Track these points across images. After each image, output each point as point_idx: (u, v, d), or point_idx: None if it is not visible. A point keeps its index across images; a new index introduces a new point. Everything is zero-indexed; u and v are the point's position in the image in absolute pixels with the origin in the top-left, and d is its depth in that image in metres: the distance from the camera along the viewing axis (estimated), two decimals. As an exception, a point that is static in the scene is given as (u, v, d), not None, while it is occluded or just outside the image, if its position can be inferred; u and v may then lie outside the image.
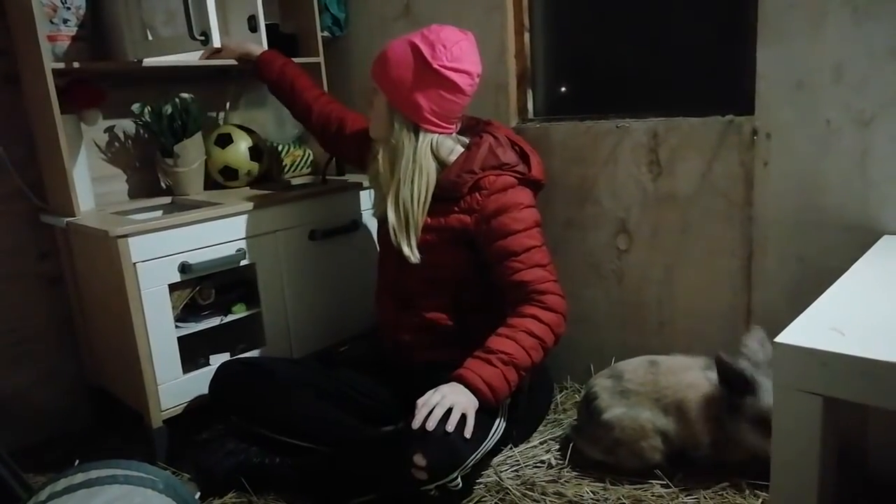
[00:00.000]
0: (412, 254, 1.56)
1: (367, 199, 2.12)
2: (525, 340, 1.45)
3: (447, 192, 1.56)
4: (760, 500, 1.39)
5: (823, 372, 0.92)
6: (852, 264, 1.25)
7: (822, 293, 1.12)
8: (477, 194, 1.55)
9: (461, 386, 1.41)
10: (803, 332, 0.97)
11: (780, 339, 0.95)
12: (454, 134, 1.62)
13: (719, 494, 1.43)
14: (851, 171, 1.47)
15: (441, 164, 1.59)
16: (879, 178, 1.44)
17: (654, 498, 1.44)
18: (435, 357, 1.61)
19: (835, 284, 1.16)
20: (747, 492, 1.43)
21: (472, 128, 1.67)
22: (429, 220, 1.57)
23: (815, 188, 1.53)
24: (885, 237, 1.41)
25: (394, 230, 1.57)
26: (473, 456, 1.36)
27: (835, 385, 0.92)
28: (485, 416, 1.43)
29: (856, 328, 0.97)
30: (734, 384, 1.40)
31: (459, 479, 1.33)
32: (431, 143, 1.57)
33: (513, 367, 1.43)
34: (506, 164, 1.58)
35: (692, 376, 1.50)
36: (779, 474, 1.00)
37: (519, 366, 1.44)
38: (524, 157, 1.64)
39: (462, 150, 1.60)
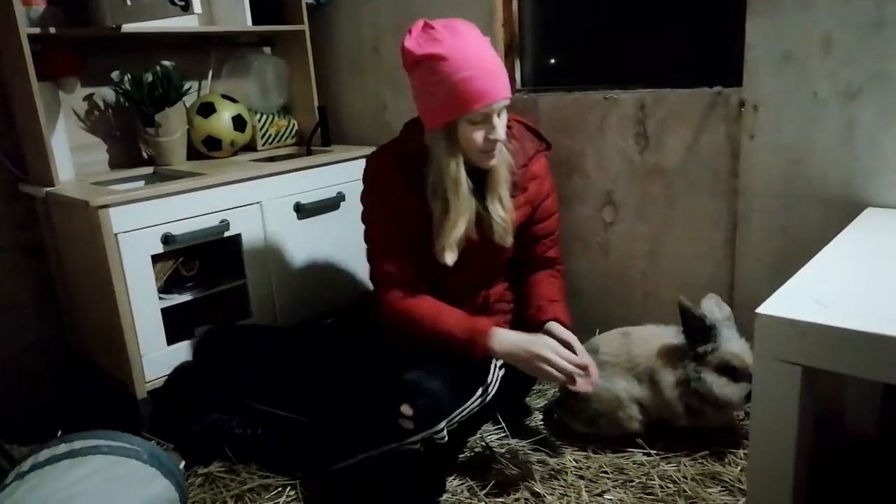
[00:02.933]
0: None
1: (352, 170, 2.10)
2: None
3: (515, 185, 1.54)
4: (740, 468, 1.42)
5: (804, 342, 0.92)
6: (835, 236, 1.26)
7: (805, 265, 1.12)
8: (532, 182, 1.56)
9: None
10: (784, 302, 0.98)
11: (761, 309, 0.95)
12: None
13: (699, 462, 1.45)
14: (837, 143, 1.48)
15: None
16: (864, 150, 1.45)
17: (634, 465, 1.47)
18: None
19: (817, 256, 1.16)
20: (727, 459, 1.45)
21: None
22: None
23: (800, 160, 1.53)
24: (869, 209, 1.42)
25: (502, 229, 1.50)
26: (460, 411, 1.38)
27: (815, 355, 0.92)
28: (472, 378, 1.44)
29: (837, 299, 0.97)
30: (696, 331, 1.44)
31: (445, 432, 1.34)
32: None
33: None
34: (533, 144, 1.57)
35: (663, 343, 1.52)
36: (757, 441, 1.01)
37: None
38: (526, 126, 1.62)
39: None
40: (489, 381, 1.47)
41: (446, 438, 1.36)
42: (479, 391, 1.43)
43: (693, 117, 1.67)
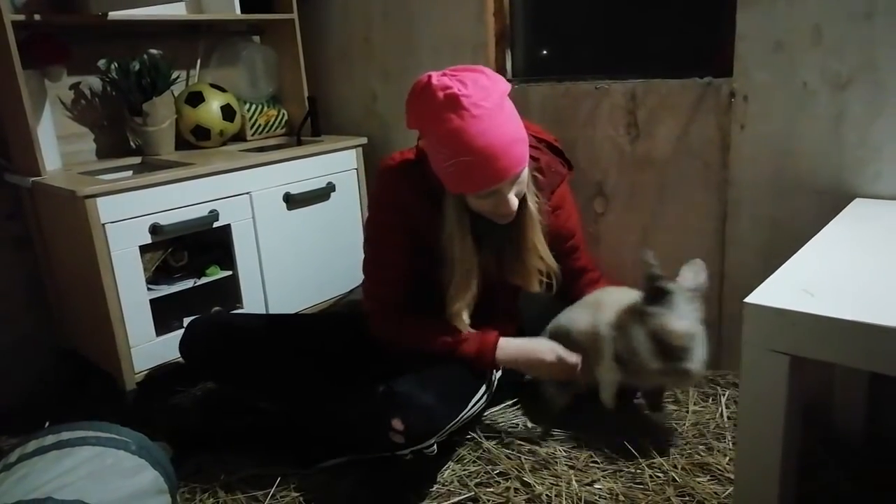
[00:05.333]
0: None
1: (342, 160, 2.10)
2: None
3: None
4: (728, 458, 1.43)
5: (792, 331, 0.93)
6: (824, 226, 1.26)
7: (793, 255, 1.13)
8: (556, 213, 1.53)
9: None
10: (773, 292, 0.98)
11: (749, 299, 0.96)
12: None
13: (687, 454, 1.46)
14: (826, 134, 1.48)
15: None
16: (853, 141, 1.45)
17: (623, 454, 1.47)
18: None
19: (805, 246, 1.17)
20: (716, 448, 1.46)
21: None
22: None
23: (789, 151, 1.53)
24: (857, 200, 1.43)
25: (532, 277, 1.46)
26: (451, 424, 1.37)
27: (803, 344, 0.93)
28: (467, 386, 1.44)
29: (825, 289, 0.98)
30: (649, 288, 1.40)
31: (435, 446, 1.34)
32: None
33: None
34: (559, 174, 1.53)
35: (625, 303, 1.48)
36: (745, 430, 1.02)
37: None
38: (550, 146, 1.58)
39: None
40: (484, 390, 1.47)
41: (436, 451, 1.35)
42: (475, 399, 1.43)
43: (683, 108, 1.67)
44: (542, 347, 1.44)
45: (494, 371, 1.50)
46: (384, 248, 1.47)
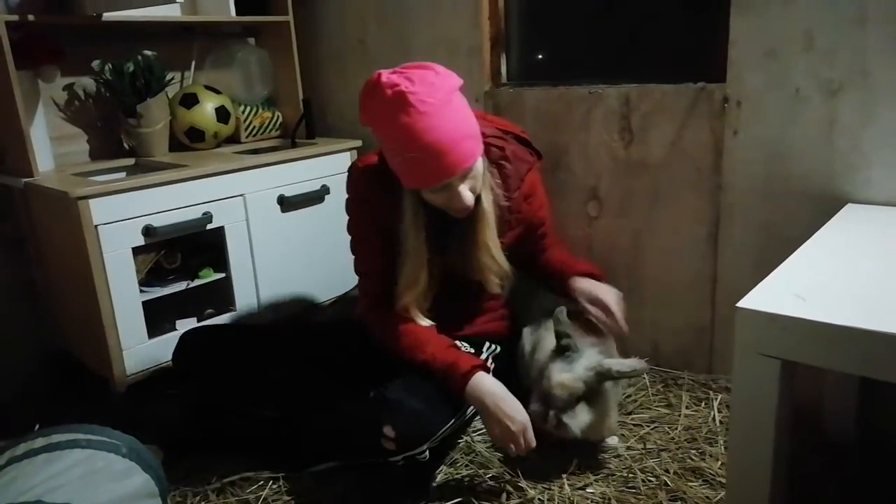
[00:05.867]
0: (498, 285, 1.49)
1: (336, 163, 2.09)
2: None
3: (503, 217, 1.48)
4: (720, 462, 1.43)
5: (783, 336, 0.93)
6: (816, 231, 1.27)
7: (785, 259, 1.13)
8: (526, 202, 1.52)
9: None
10: (764, 297, 0.98)
11: (741, 303, 0.96)
12: None
13: (679, 459, 1.46)
14: (818, 139, 1.49)
15: None
16: (845, 146, 1.46)
17: (616, 459, 1.47)
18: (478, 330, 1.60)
19: (797, 251, 1.17)
20: (708, 453, 1.46)
21: None
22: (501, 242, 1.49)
23: (782, 156, 1.54)
24: (849, 205, 1.44)
25: (486, 277, 1.45)
26: (443, 430, 1.36)
27: (794, 349, 0.93)
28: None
29: (817, 294, 0.98)
30: (556, 345, 1.42)
31: (427, 452, 1.33)
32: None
33: None
34: (526, 162, 1.52)
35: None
36: (737, 434, 1.02)
37: None
38: (516, 137, 1.57)
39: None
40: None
41: (428, 457, 1.34)
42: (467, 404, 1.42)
43: (677, 113, 1.67)
44: (515, 414, 1.32)
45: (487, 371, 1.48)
46: (359, 243, 1.52)
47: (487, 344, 1.59)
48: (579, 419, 1.36)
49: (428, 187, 1.32)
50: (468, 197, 1.33)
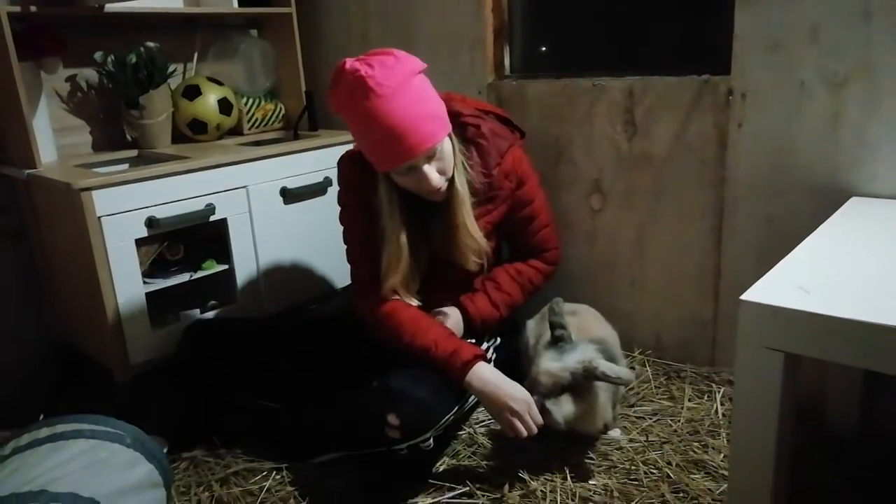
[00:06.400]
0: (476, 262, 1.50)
1: (339, 155, 2.08)
2: (525, 286, 1.63)
3: (485, 194, 1.50)
4: (722, 455, 1.43)
5: (787, 329, 0.93)
6: (820, 225, 1.27)
7: (789, 253, 1.13)
8: (506, 179, 1.51)
9: (458, 312, 1.55)
10: (768, 290, 0.98)
11: (745, 296, 0.96)
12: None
13: (681, 451, 1.47)
14: (823, 133, 1.48)
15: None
16: (850, 140, 1.45)
17: (618, 451, 1.48)
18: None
19: (801, 244, 1.17)
20: (710, 445, 1.47)
21: None
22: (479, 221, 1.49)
23: (786, 149, 1.54)
24: (853, 199, 1.43)
25: (464, 256, 1.46)
26: (446, 417, 1.37)
27: (797, 342, 0.93)
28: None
29: (821, 287, 0.98)
30: (551, 334, 1.43)
31: (432, 440, 1.34)
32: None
33: (508, 307, 1.60)
34: (505, 139, 1.53)
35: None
36: (739, 427, 1.02)
37: (513, 306, 1.61)
38: (497, 116, 1.59)
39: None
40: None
41: (433, 445, 1.35)
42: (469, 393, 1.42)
43: (681, 105, 1.67)
44: (516, 392, 1.35)
45: (490, 361, 1.49)
46: (348, 228, 1.54)
47: (488, 335, 1.60)
48: (563, 408, 1.36)
49: (392, 169, 1.35)
50: (435, 178, 1.35)
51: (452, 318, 1.52)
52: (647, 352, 1.86)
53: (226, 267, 1.87)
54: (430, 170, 1.34)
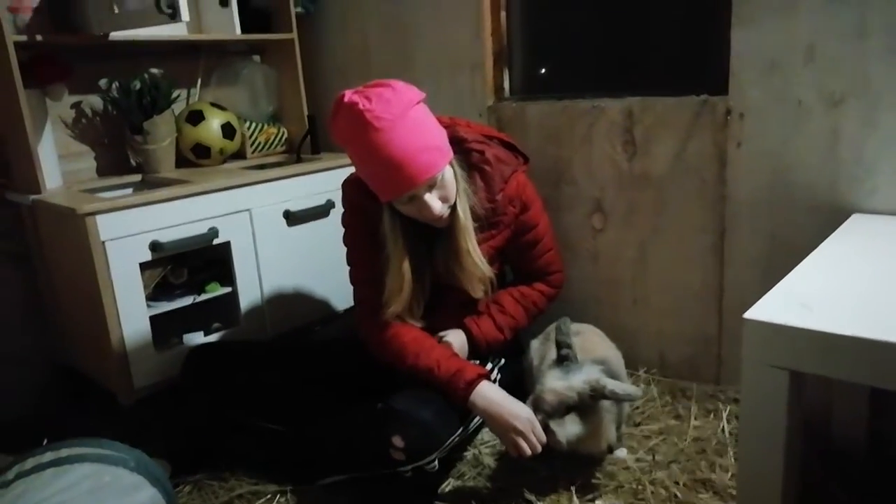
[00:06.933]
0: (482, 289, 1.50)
1: (341, 178, 2.10)
2: (530, 309, 1.62)
3: (488, 219, 1.50)
4: (730, 474, 1.42)
5: (791, 347, 0.93)
6: (822, 242, 1.27)
7: (792, 270, 1.14)
8: (510, 205, 1.52)
9: (464, 334, 1.54)
10: (771, 307, 0.98)
11: (748, 314, 0.96)
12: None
13: (689, 471, 1.46)
14: (822, 150, 1.49)
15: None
16: (849, 157, 1.46)
17: (625, 470, 1.47)
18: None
19: (804, 261, 1.17)
20: (717, 464, 1.46)
21: None
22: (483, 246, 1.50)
23: (786, 167, 1.55)
24: (854, 216, 1.44)
25: (469, 284, 1.47)
26: (451, 439, 1.36)
27: (802, 359, 0.93)
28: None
29: (823, 304, 0.98)
30: (557, 354, 1.45)
31: (436, 462, 1.33)
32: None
33: (512, 331, 1.59)
34: (509, 164, 1.53)
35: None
36: (746, 445, 1.02)
37: (517, 329, 1.61)
38: (501, 142, 1.60)
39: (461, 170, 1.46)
40: None
41: (437, 467, 1.34)
42: (474, 414, 1.41)
43: (680, 125, 1.68)
44: (520, 411, 1.34)
45: (495, 381, 1.48)
46: (352, 249, 1.55)
47: (493, 356, 1.59)
48: (567, 429, 1.35)
49: (393, 199, 1.36)
50: (437, 206, 1.36)
51: (457, 341, 1.52)
52: (652, 370, 1.86)
53: (229, 289, 1.87)
54: (432, 198, 1.35)
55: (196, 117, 2.08)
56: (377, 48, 2.23)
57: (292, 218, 1.96)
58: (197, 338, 1.82)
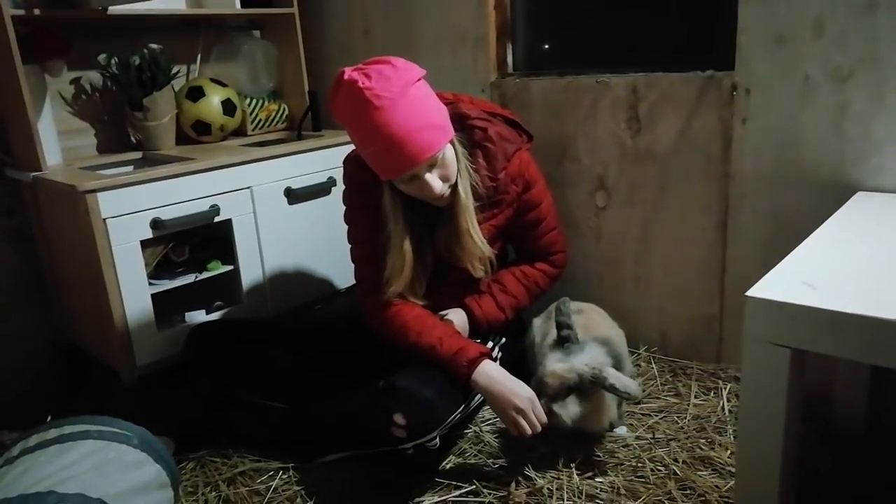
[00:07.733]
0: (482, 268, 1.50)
1: (343, 155, 2.09)
2: (532, 289, 1.62)
3: (490, 198, 1.49)
4: (729, 452, 1.43)
5: (793, 325, 0.93)
6: (826, 220, 1.26)
7: (795, 248, 1.13)
8: (512, 183, 1.51)
9: (464, 313, 1.54)
10: (774, 285, 0.98)
11: (751, 292, 0.96)
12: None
13: (688, 448, 1.46)
14: (828, 127, 1.48)
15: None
16: (855, 134, 1.45)
17: (625, 448, 1.47)
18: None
19: (807, 239, 1.16)
20: (717, 442, 1.46)
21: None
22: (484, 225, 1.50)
23: (791, 144, 1.53)
24: (859, 193, 1.42)
25: (469, 263, 1.47)
26: (453, 417, 1.37)
27: (804, 337, 0.93)
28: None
29: (827, 282, 0.98)
30: (557, 334, 1.44)
31: (438, 439, 1.34)
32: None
33: (514, 310, 1.60)
34: (512, 142, 1.52)
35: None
36: (746, 423, 1.02)
37: (518, 309, 1.61)
38: (505, 118, 1.58)
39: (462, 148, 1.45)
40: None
41: (438, 444, 1.35)
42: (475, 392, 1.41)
43: (685, 101, 1.66)
44: (521, 390, 1.35)
45: (496, 360, 1.49)
46: (353, 227, 1.54)
47: (494, 335, 1.60)
48: (569, 410, 1.37)
49: (393, 178, 1.35)
50: (437, 185, 1.35)
51: (458, 320, 1.52)
52: (653, 349, 1.86)
53: (231, 267, 1.87)
54: (432, 177, 1.34)
55: (196, 93, 2.06)
56: (379, 22, 2.20)
57: (293, 195, 1.95)
58: (199, 316, 1.82)
